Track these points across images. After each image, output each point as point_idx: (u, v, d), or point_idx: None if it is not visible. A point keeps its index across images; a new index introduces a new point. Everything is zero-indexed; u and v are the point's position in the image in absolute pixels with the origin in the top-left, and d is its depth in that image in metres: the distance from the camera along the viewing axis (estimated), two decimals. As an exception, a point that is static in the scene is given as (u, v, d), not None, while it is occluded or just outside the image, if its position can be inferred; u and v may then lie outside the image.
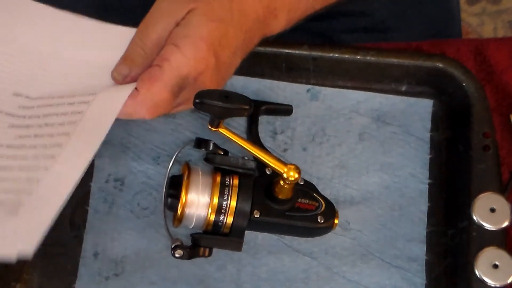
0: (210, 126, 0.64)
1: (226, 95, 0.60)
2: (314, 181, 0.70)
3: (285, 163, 0.62)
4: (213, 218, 0.63)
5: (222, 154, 0.65)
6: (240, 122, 0.72)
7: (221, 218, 0.63)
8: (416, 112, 0.74)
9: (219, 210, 0.63)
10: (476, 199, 0.68)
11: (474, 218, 0.68)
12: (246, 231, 0.64)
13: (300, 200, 0.65)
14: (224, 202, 0.63)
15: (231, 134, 0.64)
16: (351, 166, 0.72)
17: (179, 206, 0.63)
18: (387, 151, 0.73)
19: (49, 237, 0.69)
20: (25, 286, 0.68)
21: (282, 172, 0.62)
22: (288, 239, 0.70)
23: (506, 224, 0.68)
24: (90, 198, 0.70)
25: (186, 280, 0.68)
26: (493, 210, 0.68)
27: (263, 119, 0.72)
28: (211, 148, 0.65)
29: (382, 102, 0.74)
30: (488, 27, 1.66)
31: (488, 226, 0.67)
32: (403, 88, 0.75)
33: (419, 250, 0.70)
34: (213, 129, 0.64)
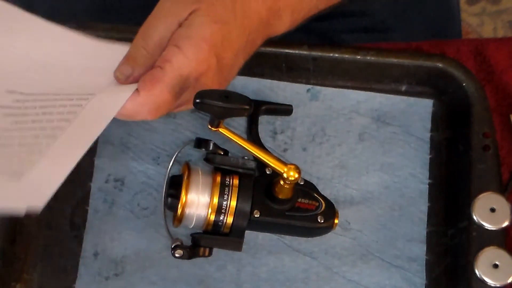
0: (210, 126, 0.64)
1: (226, 95, 0.60)
2: (314, 181, 0.70)
3: (285, 163, 0.62)
4: (213, 218, 0.63)
5: (222, 154, 0.65)
6: (240, 122, 0.72)
7: (221, 218, 0.63)
8: (416, 112, 0.74)
9: (219, 210, 0.63)
10: (476, 199, 0.68)
11: (474, 218, 0.68)
12: (246, 231, 0.64)
13: (300, 200, 0.65)
14: (224, 202, 0.63)
15: (231, 134, 0.64)
16: (351, 166, 0.72)
17: (179, 206, 0.63)
18: (387, 151, 0.73)
19: (49, 237, 0.70)
20: (25, 286, 0.68)
21: (282, 172, 0.62)
22: (288, 239, 0.70)
23: (506, 224, 0.68)
24: (90, 198, 0.70)
25: (186, 280, 0.68)
26: (493, 210, 0.68)
27: (263, 119, 0.72)
28: (211, 148, 0.65)
29: (382, 102, 0.74)
30: (488, 27, 1.66)
31: (488, 226, 0.67)
32: (403, 88, 0.75)
33: (419, 250, 0.70)
34: (213, 129, 0.64)
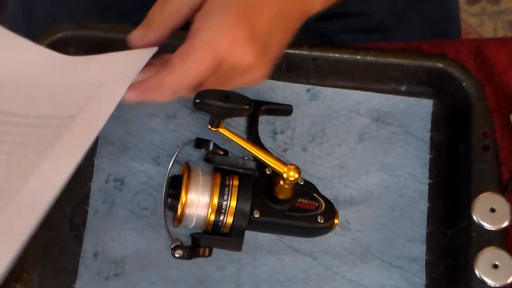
0: (210, 126, 0.64)
1: (226, 95, 0.60)
2: (314, 181, 0.70)
3: (285, 163, 0.62)
4: (213, 218, 0.63)
5: (222, 154, 0.65)
6: (240, 122, 0.72)
7: (221, 218, 0.63)
8: (416, 112, 0.74)
9: (219, 210, 0.63)
10: (476, 199, 0.68)
11: (474, 218, 0.68)
12: (246, 231, 0.64)
13: (300, 200, 0.65)
14: (224, 202, 0.63)
15: (231, 134, 0.64)
16: (351, 166, 0.72)
17: (179, 206, 0.63)
18: (387, 151, 0.73)
19: (49, 237, 0.70)
20: (25, 286, 0.68)
21: (282, 172, 0.62)
22: (288, 239, 0.70)
23: (506, 224, 0.68)
24: (90, 198, 0.70)
25: (186, 280, 0.68)
26: (493, 210, 0.68)
27: (263, 119, 0.72)
28: (211, 148, 0.65)
29: (382, 102, 0.74)
30: (488, 27, 1.66)
31: (488, 226, 0.67)
32: (403, 88, 0.75)
33: (419, 250, 0.70)
34: (213, 129, 0.64)
